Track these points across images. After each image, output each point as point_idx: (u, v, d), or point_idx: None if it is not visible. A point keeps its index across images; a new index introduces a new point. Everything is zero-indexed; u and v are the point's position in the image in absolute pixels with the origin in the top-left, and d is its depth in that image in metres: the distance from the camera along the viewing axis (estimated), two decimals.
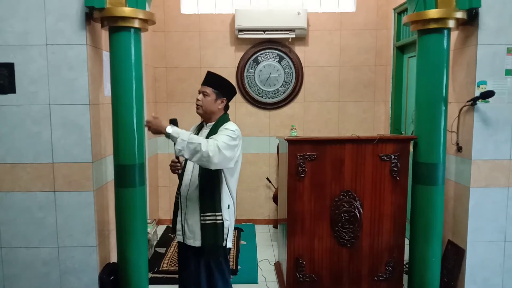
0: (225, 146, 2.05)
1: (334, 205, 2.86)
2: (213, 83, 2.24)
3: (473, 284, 2.80)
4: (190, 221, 2.23)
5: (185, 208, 2.25)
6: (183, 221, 2.25)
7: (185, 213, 2.25)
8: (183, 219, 2.26)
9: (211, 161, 2.00)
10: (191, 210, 2.22)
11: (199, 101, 2.24)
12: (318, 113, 4.68)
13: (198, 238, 2.20)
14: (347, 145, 2.82)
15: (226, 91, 2.28)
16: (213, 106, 2.24)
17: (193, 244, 2.22)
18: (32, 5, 2.54)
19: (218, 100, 2.24)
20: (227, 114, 2.32)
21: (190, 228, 2.23)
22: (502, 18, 2.64)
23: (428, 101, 2.70)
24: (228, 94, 2.29)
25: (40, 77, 2.58)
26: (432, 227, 2.73)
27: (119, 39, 2.54)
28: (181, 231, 2.27)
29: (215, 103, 2.24)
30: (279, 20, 4.33)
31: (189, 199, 2.23)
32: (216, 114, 2.27)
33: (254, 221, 4.79)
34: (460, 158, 2.83)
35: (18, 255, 2.68)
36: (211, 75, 2.27)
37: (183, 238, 2.27)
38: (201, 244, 2.20)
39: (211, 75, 2.27)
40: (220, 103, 2.26)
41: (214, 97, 2.23)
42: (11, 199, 2.64)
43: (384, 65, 4.58)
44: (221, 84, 2.26)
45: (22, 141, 2.61)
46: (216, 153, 2.00)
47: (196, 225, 2.21)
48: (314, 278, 2.91)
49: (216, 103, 2.24)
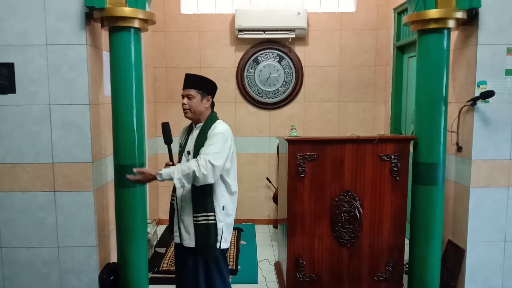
0: (216, 157, 2.08)
1: (334, 205, 2.86)
2: (195, 84, 2.25)
3: (473, 284, 2.79)
4: (186, 222, 2.24)
5: (180, 209, 2.26)
6: (179, 222, 2.27)
7: (180, 214, 2.26)
8: (178, 220, 2.27)
9: (208, 179, 2.07)
10: (186, 211, 2.24)
11: (185, 105, 2.24)
12: (318, 113, 4.68)
13: (193, 238, 2.22)
14: (347, 145, 2.82)
15: (208, 88, 2.29)
16: (200, 106, 2.25)
17: (189, 244, 2.24)
18: (32, 5, 2.54)
19: (204, 99, 2.26)
20: (215, 113, 2.34)
21: (186, 229, 2.24)
22: (502, 18, 2.64)
23: (428, 101, 2.70)
24: (212, 91, 2.31)
25: (40, 77, 2.58)
26: (432, 227, 2.73)
27: (119, 39, 2.54)
28: (178, 232, 2.28)
29: (201, 103, 2.25)
30: (279, 20, 4.33)
31: (184, 200, 2.24)
32: (204, 113, 2.28)
33: (254, 221, 4.79)
34: (460, 158, 2.83)
35: (18, 255, 2.68)
36: (190, 77, 2.27)
37: (180, 239, 2.28)
38: (195, 244, 2.21)
39: (190, 77, 2.27)
40: (206, 101, 2.27)
41: (200, 98, 2.24)
42: (11, 199, 2.64)
43: (384, 65, 4.58)
44: (202, 83, 2.27)
45: (22, 141, 2.61)
46: (210, 170, 2.05)
47: (190, 225, 2.22)
48: (314, 278, 2.91)
49: (203, 103, 2.25)
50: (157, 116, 4.65)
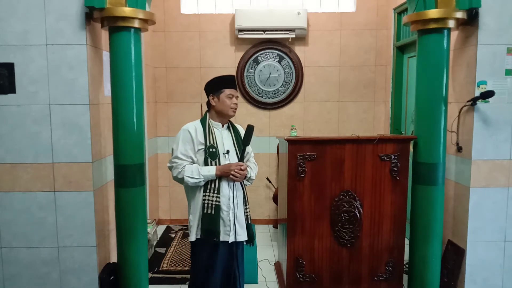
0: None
1: (334, 205, 2.86)
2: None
3: (473, 284, 2.80)
4: (240, 218, 2.34)
5: (236, 207, 2.31)
6: (235, 220, 2.29)
7: (236, 212, 2.30)
8: (234, 218, 2.29)
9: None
10: (239, 207, 2.33)
11: (236, 105, 2.36)
12: (318, 113, 4.68)
13: (245, 230, 2.35)
14: (347, 145, 2.82)
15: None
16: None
17: (243, 238, 2.35)
18: (32, 5, 2.54)
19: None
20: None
21: (240, 224, 2.33)
22: (502, 18, 2.64)
23: (428, 101, 2.70)
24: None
25: (40, 77, 2.58)
26: (432, 227, 2.73)
27: (119, 39, 2.54)
28: (233, 231, 2.29)
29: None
30: (279, 20, 4.33)
31: (238, 197, 2.33)
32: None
33: (254, 221, 4.78)
34: (460, 158, 2.83)
35: (18, 255, 2.68)
36: (234, 78, 2.42)
37: (235, 236, 2.30)
38: (247, 236, 2.36)
39: (234, 78, 2.42)
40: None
41: None
42: (11, 199, 2.64)
43: (384, 65, 4.58)
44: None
45: (22, 141, 2.61)
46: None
47: (243, 219, 2.35)
48: (314, 278, 2.91)
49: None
50: (157, 116, 4.65)
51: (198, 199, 2.29)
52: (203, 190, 2.27)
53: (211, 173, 2.23)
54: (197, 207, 2.29)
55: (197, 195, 2.30)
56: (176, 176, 2.27)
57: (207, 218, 2.24)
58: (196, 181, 2.23)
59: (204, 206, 2.25)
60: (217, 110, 2.34)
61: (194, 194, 2.32)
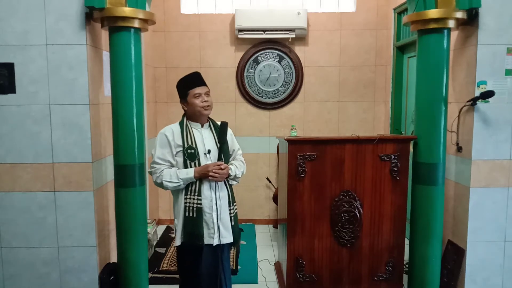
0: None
1: (334, 205, 2.86)
2: (204, 81, 2.32)
3: (473, 284, 2.80)
4: (224, 219, 2.25)
5: (219, 209, 2.23)
6: (218, 222, 2.22)
7: (219, 214, 2.23)
8: (218, 220, 2.22)
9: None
10: (223, 208, 2.25)
11: (208, 102, 2.26)
12: (318, 113, 4.68)
13: (231, 232, 2.27)
14: (347, 145, 2.82)
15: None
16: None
17: (228, 240, 2.27)
18: (32, 5, 2.54)
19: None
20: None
21: (224, 226, 2.25)
22: (502, 18, 2.63)
23: (428, 101, 2.70)
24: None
25: (40, 77, 2.58)
26: (432, 227, 2.73)
27: (119, 39, 2.54)
28: (217, 233, 2.22)
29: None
30: (279, 20, 4.33)
31: (222, 198, 2.26)
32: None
33: (254, 221, 4.79)
34: (460, 158, 2.83)
35: (18, 255, 2.68)
36: (200, 75, 2.33)
37: (219, 239, 2.22)
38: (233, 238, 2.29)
39: (200, 75, 2.33)
40: None
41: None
42: (11, 199, 2.64)
43: (384, 65, 4.58)
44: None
45: (22, 141, 2.60)
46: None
47: (228, 221, 2.26)
48: (314, 278, 2.91)
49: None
50: (157, 116, 4.65)
51: (180, 202, 2.23)
52: (184, 193, 2.22)
53: (190, 176, 2.17)
54: (180, 211, 2.22)
55: (180, 198, 2.24)
56: (156, 181, 2.24)
57: (189, 221, 2.18)
58: (176, 185, 2.19)
59: (186, 209, 2.19)
60: (190, 114, 2.29)
61: (177, 197, 2.27)
